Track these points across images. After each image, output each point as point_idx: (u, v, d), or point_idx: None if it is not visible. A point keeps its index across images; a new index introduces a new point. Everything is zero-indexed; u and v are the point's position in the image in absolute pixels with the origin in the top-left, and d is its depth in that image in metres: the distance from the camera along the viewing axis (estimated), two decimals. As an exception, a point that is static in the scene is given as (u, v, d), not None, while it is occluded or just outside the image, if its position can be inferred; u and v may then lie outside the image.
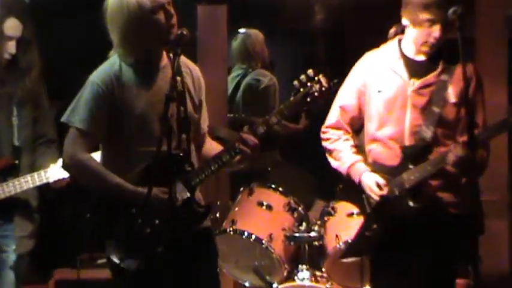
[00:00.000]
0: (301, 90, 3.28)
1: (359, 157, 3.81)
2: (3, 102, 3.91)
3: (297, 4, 6.40)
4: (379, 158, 3.75)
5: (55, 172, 3.86)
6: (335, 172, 3.87)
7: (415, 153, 3.63)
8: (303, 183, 5.54)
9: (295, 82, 3.29)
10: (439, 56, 3.65)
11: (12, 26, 3.85)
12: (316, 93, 3.26)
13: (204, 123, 3.59)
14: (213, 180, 4.85)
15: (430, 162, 3.60)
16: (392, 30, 3.82)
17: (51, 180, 3.87)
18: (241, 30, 6.01)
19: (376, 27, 3.98)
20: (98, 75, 3.35)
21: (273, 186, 4.71)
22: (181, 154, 3.29)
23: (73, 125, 3.33)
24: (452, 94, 3.62)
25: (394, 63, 3.71)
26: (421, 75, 3.67)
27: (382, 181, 3.67)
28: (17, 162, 3.91)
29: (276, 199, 4.66)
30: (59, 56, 5.10)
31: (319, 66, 3.33)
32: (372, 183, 3.69)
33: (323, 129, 3.90)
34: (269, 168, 5.45)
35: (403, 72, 3.69)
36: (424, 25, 3.56)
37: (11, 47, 3.85)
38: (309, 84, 3.27)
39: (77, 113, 3.32)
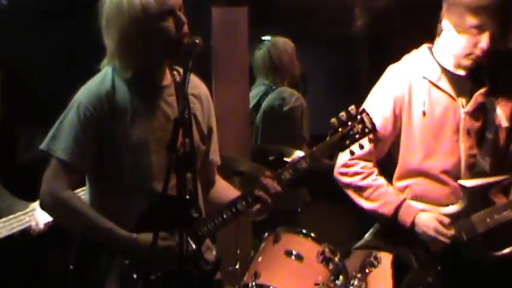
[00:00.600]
0: (340, 130, 3.08)
1: (403, 195, 3.56)
2: None
3: (332, 4, 6.17)
4: (427, 195, 3.52)
5: (42, 214, 3.56)
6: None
7: (479, 191, 3.46)
8: (339, 226, 5.38)
9: (333, 120, 3.08)
10: (479, 70, 3.47)
11: None
12: (357, 136, 3.09)
13: (214, 156, 3.35)
14: (233, 225, 4.42)
15: (508, 205, 3.46)
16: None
17: (40, 224, 3.64)
18: (266, 38, 5.69)
19: (423, 32, 3.75)
20: (85, 93, 3.12)
21: (304, 231, 4.36)
22: (187, 197, 3.01)
23: (54, 155, 3.09)
24: (503, 117, 3.51)
25: (435, 77, 3.50)
26: (467, 93, 3.50)
27: (447, 220, 3.46)
28: None
29: (307, 247, 4.31)
30: (40, 70, 4.94)
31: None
32: (436, 223, 3.46)
33: (347, 162, 3.62)
34: (299, 209, 5.17)
35: (449, 90, 3.49)
36: (469, 32, 3.35)
37: None
38: (349, 123, 3.08)
39: (59, 140, 3.09)
